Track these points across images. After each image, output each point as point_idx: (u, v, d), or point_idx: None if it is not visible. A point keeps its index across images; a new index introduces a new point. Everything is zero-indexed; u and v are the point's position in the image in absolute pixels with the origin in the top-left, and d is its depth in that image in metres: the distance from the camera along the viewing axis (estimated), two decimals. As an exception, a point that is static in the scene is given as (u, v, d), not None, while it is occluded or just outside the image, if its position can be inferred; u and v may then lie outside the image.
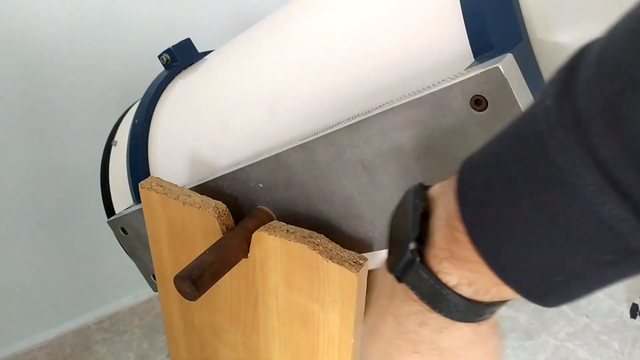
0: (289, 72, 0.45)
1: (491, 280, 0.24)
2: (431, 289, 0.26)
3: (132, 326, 1.16)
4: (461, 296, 0.26)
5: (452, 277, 0.26)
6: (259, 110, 0.46)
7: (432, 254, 0.26)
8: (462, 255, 0.25)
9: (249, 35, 0.53)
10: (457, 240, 0.25)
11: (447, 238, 0.25)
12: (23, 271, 0.99)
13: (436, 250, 0.26)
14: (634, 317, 1.19)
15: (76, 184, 0.97)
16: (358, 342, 0.42)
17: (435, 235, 0.26)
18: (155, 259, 0.52)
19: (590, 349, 1.13)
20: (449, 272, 0.26)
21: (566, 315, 1.21)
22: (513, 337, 1.16)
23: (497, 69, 0.28)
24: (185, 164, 0.53)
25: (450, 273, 0.26)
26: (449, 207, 0.25)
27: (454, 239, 0.25)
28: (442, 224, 0.26)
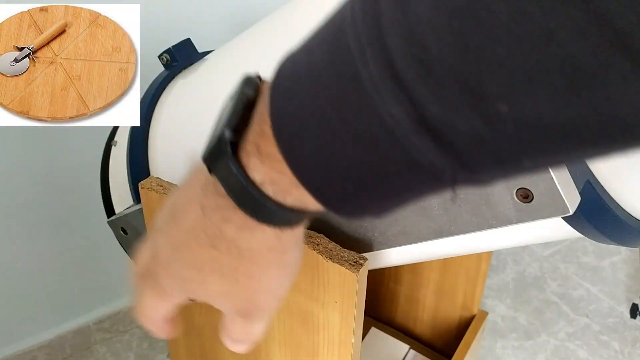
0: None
1: (291, 181, 0.23)
2: (238, 184, 0.24)
3: (132, 326, 1.16)
4: (265, 195, 0.24)
5: (258, 174, 0.24)
6: (259, 110, 0.46)
7: (243, 148, 0.24)
8: (267, 150, 0.23)
9: (249, 35, 0.53)
10: (264, 133, 0.23)
11: (257, 132, 0.24)
12: (23, 271, 0.99)
13: (247, 144, 0.24)
14: (634, 317, 1.19)
15: (76, 184, 0.97)
16: (358, 342, 0.42)
17: (250, 128, 0.24)
18: (155, 259, 0.52)
19: (590, 349, 1.13)
20: (256, 168, 0.24)
21: (566, 315, 1.21)
22: (513, 337, 1.16)
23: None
24: (185, 164, 0.53)
25: (257, 169, 0.24)
26: (265, 99, 0.24)
27: (262, 133, 0.23)
28: (257, 117, 0.24)
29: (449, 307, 0.93)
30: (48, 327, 1.07)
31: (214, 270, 0.28)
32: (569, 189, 0.31)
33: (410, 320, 1.00)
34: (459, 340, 0.89)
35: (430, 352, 0.98)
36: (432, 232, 0.36)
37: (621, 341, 1.15)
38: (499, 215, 0.33)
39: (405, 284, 0.96)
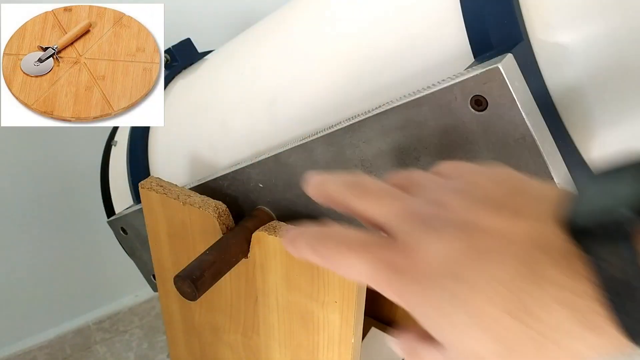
0: (289, 72, 0.45)
1: None
2: (626, 274, 0.17)
3: (132, 326, 1.16)
4: None
5: None
6: (259, 110, 0.46)
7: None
8: None
9: (249, 35, 0.53)
10: None
11: None
12: (23, 271, 0.99)
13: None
14: (634, 317, 1.19)
15: (76, 184, 0.97)
16: (358, 341, 0.42)
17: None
18: (155, 259, 0.52)
19: (590, 349, 1.13)
20: None
21: (566, 315, 1.21)
22: (513, 337, 1.16)
23: (497, 69, 0.28)
24: (185, 164, 0.53)
25: None
26: None
27: None
28: None
29: (449, 307, 0.93)
30: (48, 327, 1.07)
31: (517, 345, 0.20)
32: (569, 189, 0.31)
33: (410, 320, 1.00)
34: (459, 340, 0.88)
35: (430, 352, 0.98)
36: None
37: (621, 341, 1.15)
38: (499, 215, 0.33)
39: (405, 284, 0.96)
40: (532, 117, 0.30)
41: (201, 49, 0.61)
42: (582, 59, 0.32)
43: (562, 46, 0.32)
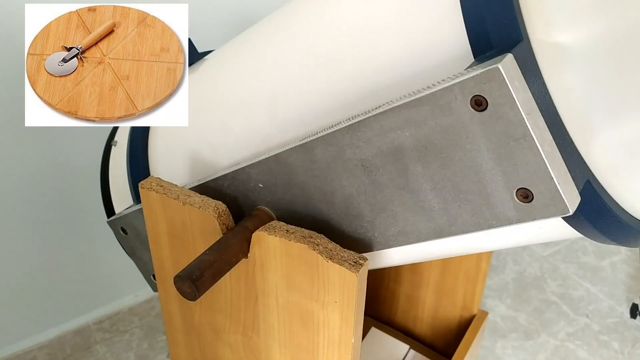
0: (289, 72, 0.45)
1: None
2: None
3: (132, 326, 1.16)
4: None
5: None
6: (259, 110, 0.46)
7: None
8: None
9: (249, 36, 0.53)
10: None
11: None
12: (23, 271, 0.99)
13: None
14: (634, 317, 1.19)
15: (76, 184, 0.97)
16: (358, 342, 0.42)
17: None
18: (155, 259, 0.52)
19: (590, 349, 1.13)
20: None
21: (566, 315, 1.21)
22: (513, 337, 1.16)
23: (497, 69, 0.28)
24: (185, 164, 0.53)
25: None
26: None
27: None
28: None
29: (449, 307, 0.93)
30: (48, 327, 1.07)
31: None
32: (569, 189, 0.31)
33: (410, 320, 1.00)
34: (459, 340, 0.89)
35: (430, 352, 0.98)
36: (432, 232, 0.36)
37: (621, 341, 1.15)
38: (499, 215, 0.33)
39: (405, 284, 0.96)
40: (532, 117, 0.30)
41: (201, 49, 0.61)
42: (582, 59, 0.32)
43: (562, 46, 0.32)
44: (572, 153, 0.33)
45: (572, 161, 0.32)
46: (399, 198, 0.36)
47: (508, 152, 0.31)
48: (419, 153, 0.34)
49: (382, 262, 0.46)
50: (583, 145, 0.33)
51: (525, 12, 0.32)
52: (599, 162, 0.33)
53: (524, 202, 0.31)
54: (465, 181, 0.33)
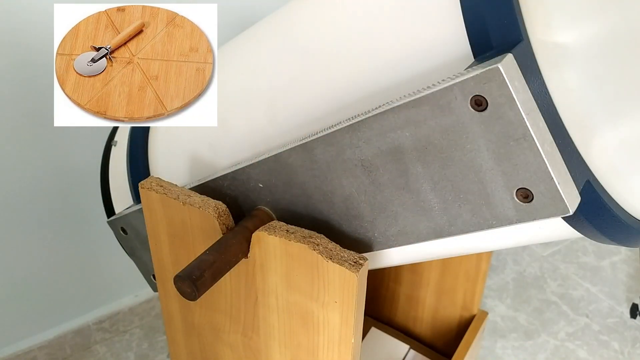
0: (289, 72, 0.45)
1: None
2: None
3: (132, 326, 1.16)
4: None
5: None
6: (259, 110, 0.46)
7: None
8: None
9: (249, 35, 0.53)
10: None
11: None
12: (23, 271, 0.99)
13: None
14: (634, 317, 1.19)
15: (76, 184, 0.97)
16: (358, 342, 0.42)
17: None
18: (155, 259, 0.52)
19: (590, 349, 1.13)
20: None
21: (566, 315, 1.21)
22: (513, 337, 1.16)
23: (497, 69, 0.28)
24: (185, 164, 0.53)
25: None
26: None
27: None
28: None
29: (449, 307, 0.93)
30: (48, 327, 1.07)
31: None
32: (569, 189, 0.31)
33: (410, 320, 1.00)
34: (459, 340, 0.89)
35: (430, 352, 0.98)
36: (432, 232, 0.36)
37: (621, 341, 1.15)
38: (499, 215, 0.33)
39: (405, 284, 0.96)
40: (532, 117, 0.30)
41: (201, 49, 0.61)
42: (582, 59, 0.32)
43: (562, 46, 0.32)
44: (572, 153, 0.33)
45: (572, 161, 0.32)
46: (399, 198, 0.36)
47: (508, 152, 0.31)
48: (419, 153, 0.34)
49: (382, 262, 0.46)
50: (583, 145, 0.33)
51: (525, 12, 0.32)
52: (599, 162, 0.33)
53: (524, 202, 0.31)
54: (465, 181, 0.33)
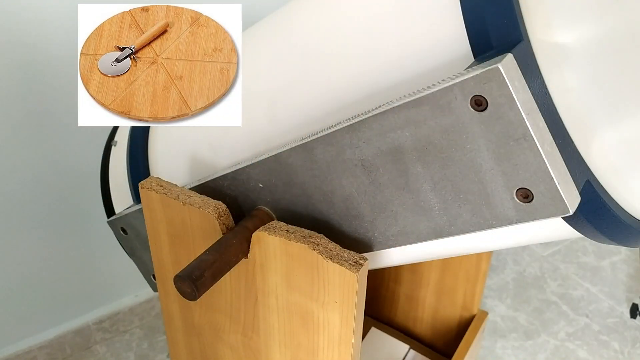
0: (289, 72, 0.45)
1: None
2: None
3: (132, 326, 1.16)
4: None
5: None
6: (259, 110, 0.46)
7: None
8: None
9: (249, 35, 0.53)
10: None
11: None
12: (23, 271, 0.99)
13: None
14: (634, 317, 1.19)
15: (76, 184, 0.97)
16: (358, 342, 0.42)
17: None
18: (155, 259, 0.52)
19: (590, 349, 1.13)
20: None
21: (566, 315, 1.21)
22: (513, 337, 1.16)
23: (497, 69, 0.28)
24: (185, 164, 0.53)
25: None
26: None
27: None
28: None
29: (449, 307, 0.93)
30: (48, 327, 1.07)
31: None
32: (569, 189, 0.31)
33: (410, 320, 1.00)
34: (459, 340, 0.89)
35: (430, 352, 0.98)
36: (432, 232, 0.36)
37: (621, 341, 1.15)
38: (499, 215, 0.33)
39: (405, 284, 0.96)
40: (532, 117, 0.30)
41: (201, 49, 0.61)
42: (581, 58, 0.32)
43: (562, 46, 0.32)
44: (572, 153, 0.33)
45: (572, 161, 0.32)
46: (399, 198, 0.36)
47: (508, 152, 0.31)
48: (419, 153, 0.34)
49: (382, 262, 0.46)
50: (583, 145, 0.33)
51: (525, 12, 0.32)
52: (599, 162, 0.33)
53: (524, 202, 0.31)
54: (465, 181, 0.33)
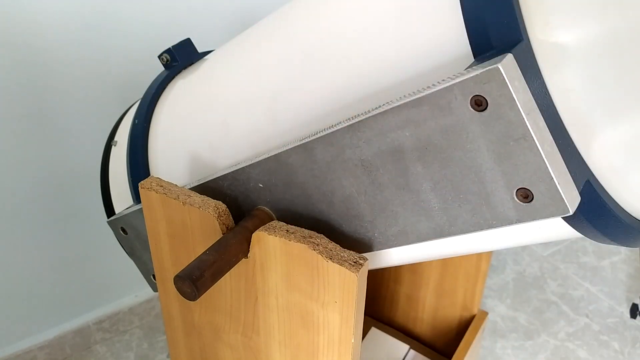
0: (289, 72, 0.45)
1: None
2: None
3: (132, 326, 1.16)
4: None
5: None
6: (259, 110, 0.46)
7: None
8: None
9: (249, 35, 0.53)
10: None
11: None
12: (23, 271, 0.99)
13: None
14: (634, 317, 1.19)
15: (76, 184, 0.97)
16: (358, 342, 0.42)
17: None
18: (155, 259, 0.52)
19: (590, 349, 1.13)
20: None
21: (566, 315, 1.21)
22: (513, 337, 1.16)
23: (497, 69, 0.28)
24: (185, 164, 0.53)
25: None
26: None
27: None
28: None
29: (449, 307, 0.93)
30: (48, 327, 1.07)
31: None
32: (569, 189, 0.31)
33: (410, 320, 1.00)
34: (459, 340, 0.89)
35: (430, 352, 0.98)
36: (432, 232, 0.36)
37: (621, 341, 1.15)
38: (499, 215, 0.33)
39: (405, 284, 0.96)
40: (532, 117, 0.30)
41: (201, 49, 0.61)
42: (582, 58, 0.32)
43: (562, 46, 0.32)
44: (572, 153, 0.33)
45: (572, 161, 0.32)
46: (399, 198, 0.36)
47: (508, 152, 0.31)
48: (419, 153, 0.34)
49: (382, 262, 0.46)
50: (583, 145, 0.33)
51: (525, 12, 0.32)
52: (599, 162, 0.33)
53: (524, 202, 0.31)
54: (465, 181, 0.33)
